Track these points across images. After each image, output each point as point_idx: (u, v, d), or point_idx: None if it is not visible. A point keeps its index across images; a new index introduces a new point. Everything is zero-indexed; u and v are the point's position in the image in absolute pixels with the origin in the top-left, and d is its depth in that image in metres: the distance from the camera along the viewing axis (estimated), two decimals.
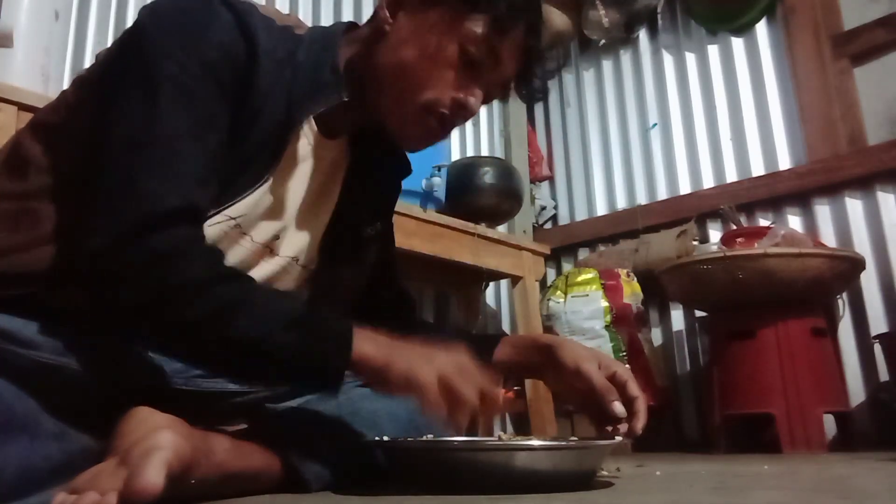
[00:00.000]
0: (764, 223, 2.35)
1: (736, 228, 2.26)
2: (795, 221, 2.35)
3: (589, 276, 2.36)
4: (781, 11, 2.53)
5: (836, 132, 2.33)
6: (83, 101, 0.83)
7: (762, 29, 2.59)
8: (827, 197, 2.31)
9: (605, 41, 2.97)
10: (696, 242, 2.42)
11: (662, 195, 2.72)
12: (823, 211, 2.31)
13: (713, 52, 2.69)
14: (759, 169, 2.49)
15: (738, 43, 2.63)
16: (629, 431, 0.90)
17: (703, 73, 2.71)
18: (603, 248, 2.73)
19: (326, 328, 0.76)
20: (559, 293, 2.37)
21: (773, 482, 0.96)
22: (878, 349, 2.06)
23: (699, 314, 2.45)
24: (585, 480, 0.81)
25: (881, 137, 2.24)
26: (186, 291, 0.73)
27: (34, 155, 0.83)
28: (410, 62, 0.86)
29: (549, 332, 2.33)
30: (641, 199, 2.78)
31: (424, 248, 1.97)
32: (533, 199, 2.94)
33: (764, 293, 1.93)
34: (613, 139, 2.93)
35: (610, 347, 2.22)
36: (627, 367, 1.04)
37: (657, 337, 2.56)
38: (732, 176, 2.55)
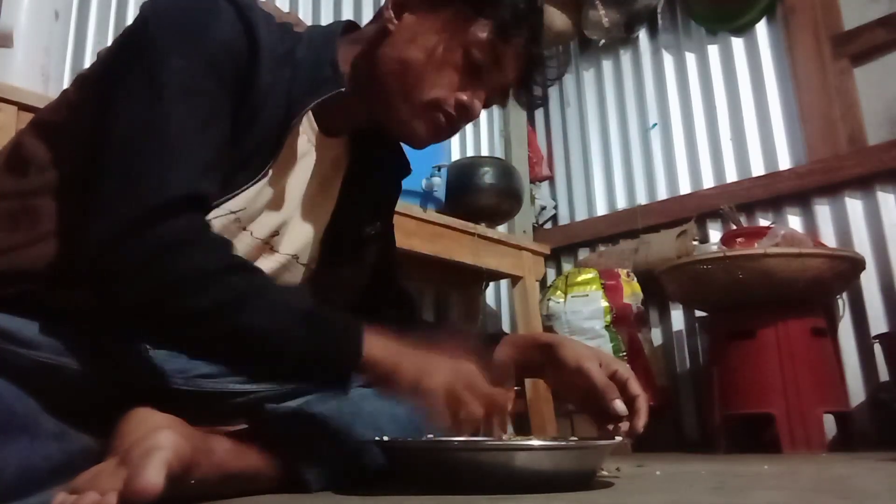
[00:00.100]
0: (764, 223, 2.35)
1: (736, 228, 2.26)
2: (795, 221, 2.36)
3: (589, 276, 2.36)
4: (781, 11, 2.53)
5: (836, 132, 2.33)
6: (85, 99, 0.83)
7: (762, 29, 2.59)
8: (827, 197, 2.31)
9: (605, 41, 2.97)
10: (696, 242, 2.42)
11: (662, 195, 2.72)
12: (823, 211, 2.31)
13: (713, 52, 2.69)
14: (759, 169, 2.49)
15: (738, 43, 2.63)
16: (630, 430, 0.89)
17: (703, 73, 2.71)
18: (603, 248, 2.73)
19: (338, 325, 0.76)
20: (559, 293, 2.37)
21: (773, 482, 0.96)
22: (878, 349, 2.07)
23: (699, 314, 2.45)
24: (585, 480, 0.81)
25: (881, 137, 2.24)
26: (196, 280, 0.71)
27: (35, 154, 0.83)
28: (415, 62, 0.87)
29: (549, 332, 2.32)
30: (641, 199, 2.78)
31: (424, 248, 1.97)
32: (533, 199, 2.94)
33: (764, 293, 1.93)
34: (613, 139, 2.93)
35: (610, 347, 2.21)
36: (628, 366, 1.04)
37: (657, 337, 2.56)
38: (732, 176, 2.55)
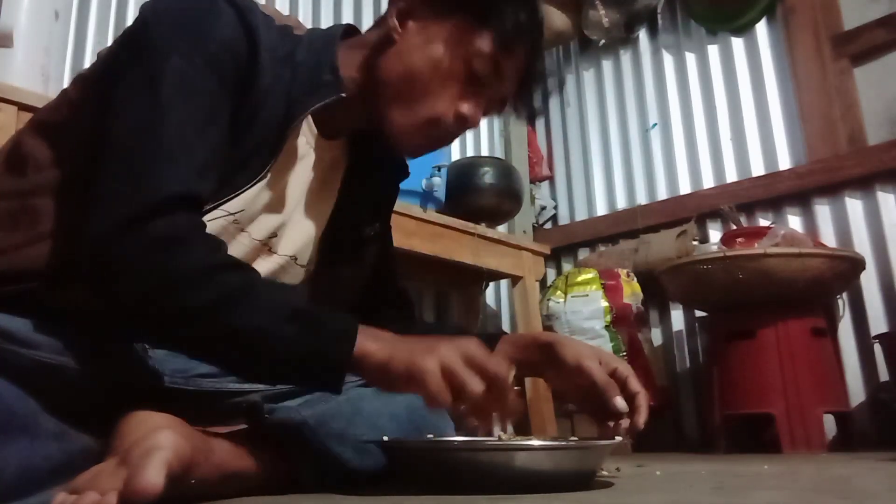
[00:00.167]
0: (764, 223, 2.35)
1: (736, 228, 2.26)
2: (795, 221, 2.36)
3: (589, 276, 2.36)
4: (781, 11, 2.53)
5: (836, 132, 2.33)
6: (85, 98, 0.83)
7: (762, 29, 2.59)
8: (827, 197, 2.31)
9: (605, 41, 2.97)
10: (696, 242, 2.42)
11: (662, 195, 2.72)
12: (823, 211, 2.31)
13: (713, 52, 2.69)
14: (759, 169, 2.49)
15: (738, 43, 2.63)
16: (631, 427, 0.89)
17: (703, 73, 2.71)
18: (603, 248, 2.73)
19: (329, 323, 0.75)
20: (559, 293, 2.37)
21: (773, 482, 0.96)
22: (878, 349, 2.07)
23: (699, 314, 2.45)
24: (585, 480, 0.81)
25: (881, 137, 2.25)
26: (188, 277, 0.71)
27: (35, 153, 0.83)
28: (418, 71, 0.88)
29: (549, 331, 2.32)
30: (641, 199, 2.78)
31: (424, 248, 1.97)
32: (533, 199, 2.94)
33: (764, 293, 1.94)
34: (613, 139, 2.93)
35: (610, 347, 2.21)
36: (627, 364, 1.04)
37: (657, 337, 2.56)
38: (732, 176, 2.55)
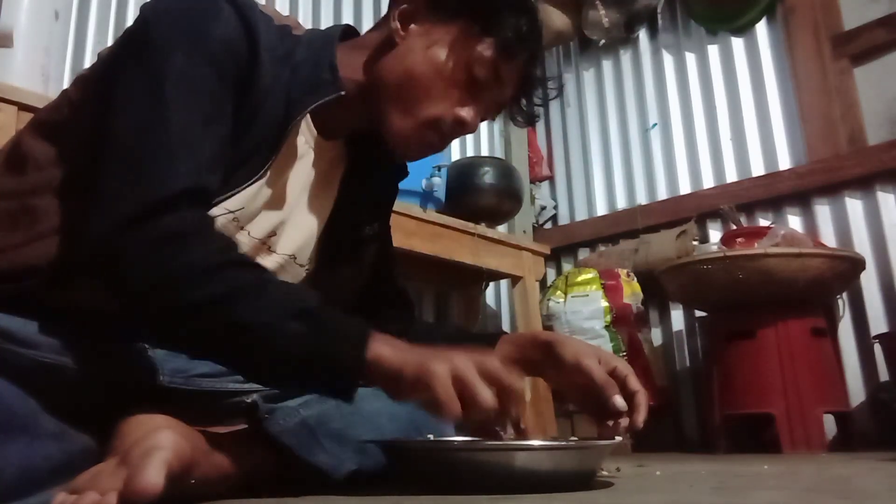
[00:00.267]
0: (764, 223, 2.35)
1: (736, 228, 2.26)
2: (795, 221, 2.36)
3: (589, 276, 2.36)
4: (781, 11, 2.53)
5: (836, 132, 2.33)
6: (86, 98, 0.83)
7: (762, 29, 2.59)
8: (827, 197, 2.31)
9: (605, 41, 2.97)
10: (696, 242, 2.42)
11: (662, 195, 2.72)
12: (823, 211, 2.31)
13: (713, 52, 2.69)
14: (759, 169, 2.49)
15: (738, 43, 2.64)
16: (630, 425, 0.89)
17: (703, 73, 2.71)
18: (603, 248, 2.73)
19: (342, 324, 0.73)
20: (559, 293, 2.37)
21: (773, 482, 0.96)
22: (878, 349, 2.07)
23: (699, 314, 2.45)
24: (585, 480, 0.81)
25: (881, 137, 2.25)
26: (195, 273, 0.71)
27: (35, 153, 0.83)
28: (418, 75, 0.88)
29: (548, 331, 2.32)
30: (641, 199, 2.78)
31: (424, 248, 1.97)
32: (533, 199, 2.94)
33: (764, 293, 1.94)
34: (613, 139, 2.93)
35: (610, 347, 2.21)
36: (627, 363, 1.04)
37: (657, 337, 2.56)
38: (732, 176, 2.55)
